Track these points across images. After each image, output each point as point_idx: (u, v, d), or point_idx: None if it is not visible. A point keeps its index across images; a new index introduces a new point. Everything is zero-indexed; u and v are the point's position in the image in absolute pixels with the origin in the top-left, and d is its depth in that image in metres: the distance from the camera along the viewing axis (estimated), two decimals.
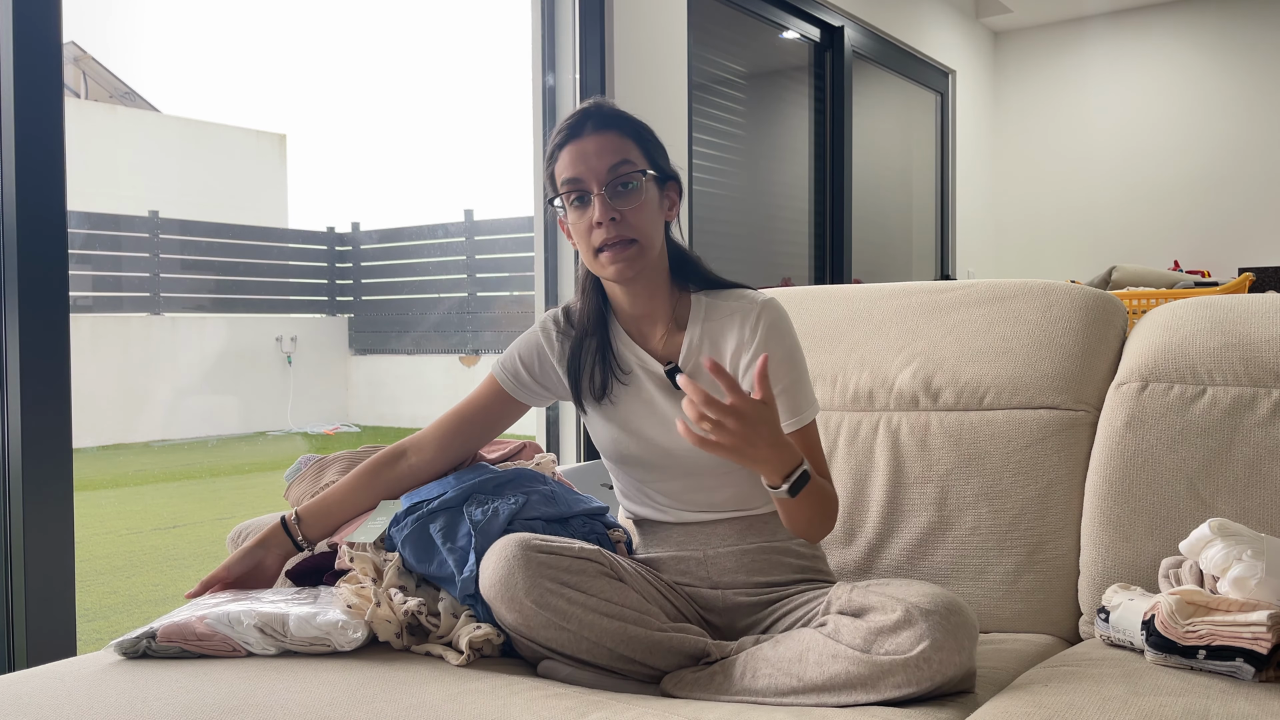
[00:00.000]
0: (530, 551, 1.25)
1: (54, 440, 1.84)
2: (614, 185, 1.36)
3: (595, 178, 1.36)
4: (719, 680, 1.22)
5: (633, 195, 1.37)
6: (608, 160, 1.36)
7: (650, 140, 1.43)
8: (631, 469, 1.48)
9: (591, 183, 1.36)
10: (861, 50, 4.75)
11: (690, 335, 1.43)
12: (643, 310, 1.45)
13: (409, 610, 1.33)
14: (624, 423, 1.45)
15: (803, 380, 1.42)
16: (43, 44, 1.82)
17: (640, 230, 1.37)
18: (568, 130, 1.40)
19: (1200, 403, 1.53)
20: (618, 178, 1.36)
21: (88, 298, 6.30)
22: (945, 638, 1.13)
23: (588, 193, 1.37)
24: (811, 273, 4.57)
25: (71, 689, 1.19)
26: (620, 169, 1.36)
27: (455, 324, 7.63)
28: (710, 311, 1.44)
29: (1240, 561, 1.20)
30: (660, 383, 1.43)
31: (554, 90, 3.10)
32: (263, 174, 7.92)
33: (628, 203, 1.37)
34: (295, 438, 7.30)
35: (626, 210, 1.36)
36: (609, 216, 1.35)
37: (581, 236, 1.39)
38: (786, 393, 1.39)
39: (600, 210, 1.35)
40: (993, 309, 1.77)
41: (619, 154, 1.37)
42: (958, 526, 1.63)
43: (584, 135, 1.38)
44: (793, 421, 1.39)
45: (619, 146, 1.38)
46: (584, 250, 1.40)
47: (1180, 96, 5.63)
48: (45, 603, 1.83)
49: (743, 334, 1.41)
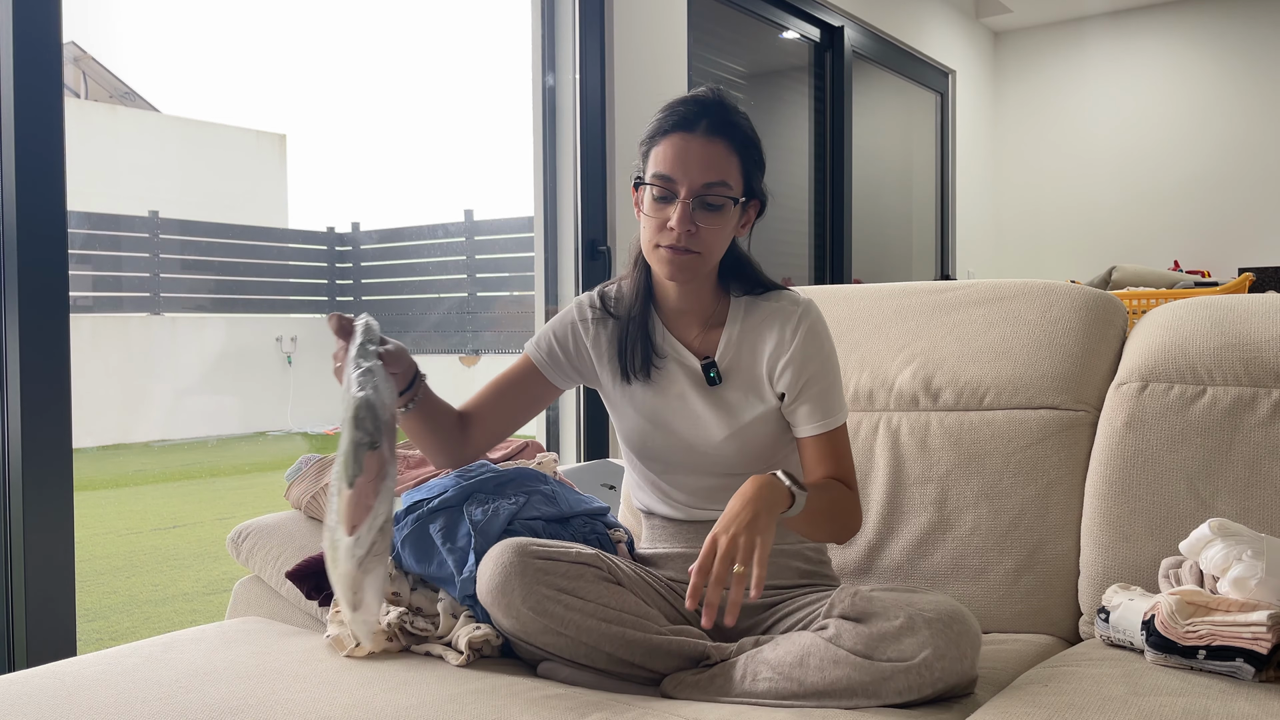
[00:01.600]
0: (527, 557, 1.25)
1: (54, 440, 1.84)
2: (701, 200, 1.34)
3: (688, 184, 1.33)
4: (719, 682, 1.22)
5: (716, 215, 1.35)
6: (708, 174, 1.33)
7: (754, 159, 1.39)
8: (651, 462, 1.48)
9: (682, 187, 1.33)
10: (861, 50, 4.75)
11: (729, 333, 1.43)
12: (686, 306, 1.44)
13: (390, 623, 1.33)
14: (652, 413, 1.45)
15: (834, 386, 1.42)
16: (43, 44, 1.82)
17: (708, 246, 1.36)
18: (680, 118, 1.35)
19: (1200, 403, 1.53)
20: (709, 194, 1.34)
21: (88, 298, 6.31)
22: (948, 645, 1.13)
23: (675, 195, 1.34)
24: (811, 273, 4.57)
25: (71, 689, 1.19)
26: (715, 189, 1.34)
27: (455, 324, 7.63)
28: (750, 310, 1.44)
29: (1240, 561, 1.20)
30: (694, 377, 1.43)
31: (554, 90, 3.10)
32: (263, 174, 7.92)
33: (709, 221, 1.35)
34: (295, 438, 7.30)
35: (705, 227, 1.35)
36: (685, 228, 1.33)
37: (651, 226, 1.36)
38: (820, 397, 1.40)
39: (679, 219, 1.33)
40: (993, 309, 1.77)
41: (719, 172, 1.34)
42: (958, 526, 1.63)
43: (694, 132, 1.34)
44: (817, 425, 1.39)
45: (723, 162, 1.34)
46: (647, 236, 1.38)
47: (1180, 96, 5.63)
48: (45, 603, 1.83)
49: (782, 335, 1.41)
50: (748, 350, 1.42)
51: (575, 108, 3.07)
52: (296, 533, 1.82)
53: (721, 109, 1.36)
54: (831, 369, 1.42)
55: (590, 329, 1.48)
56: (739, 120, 1.38)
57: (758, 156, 1.40)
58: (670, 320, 1.46)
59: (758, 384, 1.41)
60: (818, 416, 1.39)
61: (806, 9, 4.32)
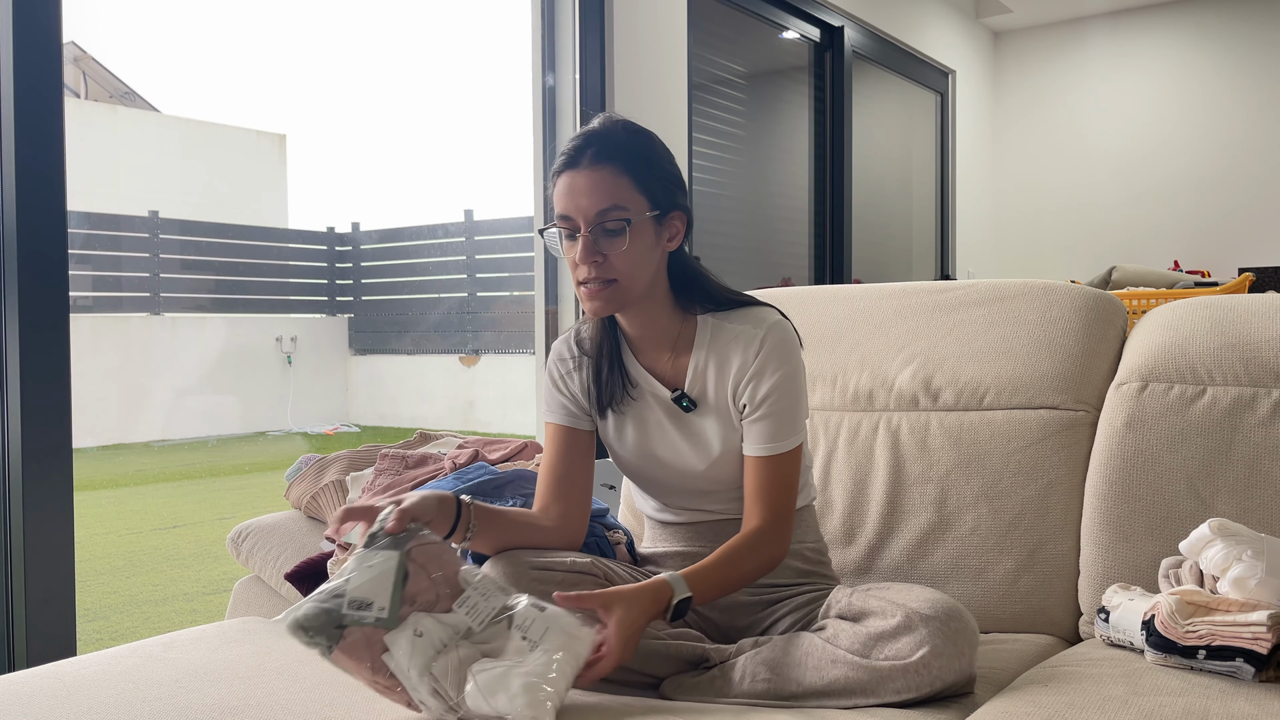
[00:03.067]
0: (523, 568, 1.25)
1: (54, 440, 1.84)
2: (599, 229, 1.32)
3: (583, 218, 1.32)
4: (718, 684, 1.22)
5: (619, 239, 1.32)
6: (597, 203, 1.31)
7: (653, 173, 1.36)
8: (647, 487, 1.49)
9: (579, 221, 1.32)
10: (861, 50, 4.75)
11: (696, 359, 1.41)
12: (645, 333, 1.43)
13: None
14: (638, 446, 1.44)
15: (793, 409, 1.38)
16: (43, 44, 1.82)
17: (622, 271, 1.33)
18: (567, 158, 1.35)
19: (1200, 403, 1.53)
20: (605, 221, 1.32)
21: (88, 298, 6.31)
22: (945, 644, 1.13)
23: (576, 230, 1.33)
24: (811, 273, 4.57)
25: (71, 689, 1.19)
26: (608, 214, 1.32)
27: (455, 324, 7.64)
28: (716, 333, 1.41)
29: (1240, 561, 1.20)
30: (667, 408, 1.42)
31: (554, 90, 3.10)
32: (263, 174, 7.93)
33: (613, 246, 1.32)
34: (295, 438, 7.30)
35: (610, 254, 1.32)
36: (591, 259, 1.32)
37: (570, 267, 1.38)
38: (774, 419, 1.36)
39: (583, 252, 1.32)
40: (993, 309, 1.77)
41: (610, 197, 1.32)
42: (958, 526, 1.63)
43: (580, 167, 1.33)
44: (764, 448, 1.36)
45: (612, 187, 1.32)
46: (574, 280, 1.40)
47: (1180, 96, 5.63)
48: (45, 603, 1.83)
49: (747, 356, 1.38)
50: (715, 376, 1.40)
51: (575, 108, 3.07)
52: (296, 533, 1.82)
53: (605, 138, 1.34)
54: (790, 392, 1.37)
55: (571, 374, 1.47)
56: (626, 141, 1.35)
57: (657, 170, 1.36)
58: (639, 350, 1.45)
59: (725, 411, 1.39)
60: (766, 439, 1.36)
61: (806, 9, 4.32)
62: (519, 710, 1.06)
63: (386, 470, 1.82)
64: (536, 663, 1.10)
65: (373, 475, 1.82)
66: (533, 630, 1.13)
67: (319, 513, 1.88)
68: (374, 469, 1.84)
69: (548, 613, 1.14)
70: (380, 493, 1.76)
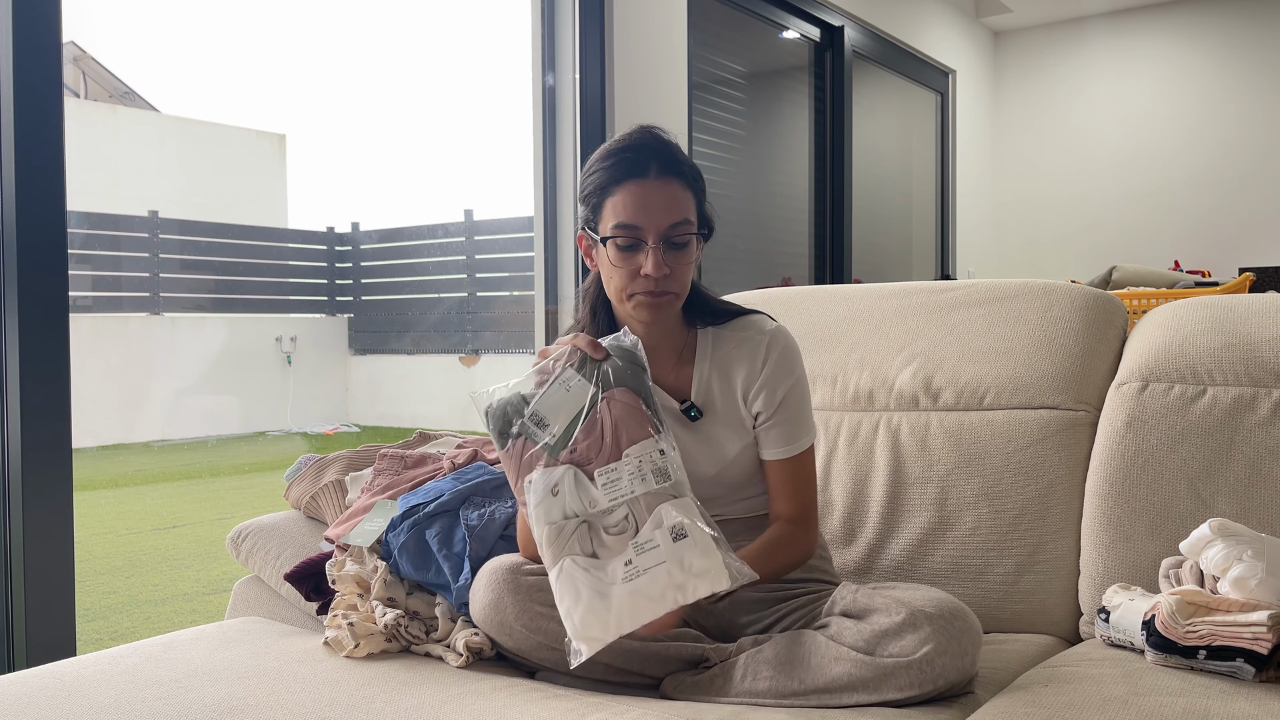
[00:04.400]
0: (519, 576, 1.25)
1: (54, 440, 1.84)
2: (669, 241, 1.34)
3: (655, 229, 1.32)
4: (719, 683, 1.22)
5: (683, 253, 1.36)
6: (672, 216, 1.33)
7: (703, 190, 1.40)
8: None
9: (649, 234, 1.33)
10: (861, 50, 4.75)
11: (700, 369, 1.42)
12: (656, 343, 1.43)
13: (387, 624, 1.33)
14: None
15: (803, 411, 1.42)
16: (43, 44, 1.82)
17: (681, 284, 1.37)
18: (629, 165, 1.34)
19: (1200, 403, 1.53)
20: (675, 234, 1.34)
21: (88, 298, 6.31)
22: (949, 642, 1.13)
23: (642, 242, 1.33)
24: (811, 273, 4.57)
25: (71, 689, 1.19)
26: (681, 228, 1.34)
27: (455, 324, 7.63)
28: (717, 343, 1.44)
29: (1240, 562, 1.20)
30: (675, 416, 1.42)
31: (554, 90, 3.10)
32: (263, 174, 7.92)
33: (678, 260, 1.35)
34: (295, 438, 7.30)
35: (675, 267, 1.35)
36: (662, 272, 1.33)
37: (620, 277, 1.36)
38: (788, 423, 1.40)
39: (654, 265, 1.32)
40: (993, 309, 1.77)
41: (682, 211, 1.34)
42: (958, 527, 1.63)
43: (649, 178, 1.33)
44: (783, 450, 1.40)
45: (682, 202, 1.35)
46: (618, 285, 1.37)
47: (1180, 96, 5.63)
48: (45, 603, 1.83)
49: (753, 365, 1.41)
50: (720, 385, 1.42)
51: (575, 108, 3.07)
52: (296, 533, 1.82)
53: (666, 149, 1.36)
54: (801, 393, 1.42)
55: None
56: (683, 157, 1.38)
57: (704, 186, 1.41)
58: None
59: (735, 417, 1.41)
60: (784, 441, 1.40)
61: (806, 9, 4.32)
62: None
63: (385, 470, 1.82)
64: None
65: (371, 475, 1.82)
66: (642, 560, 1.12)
67: (318, 513, 1.87)
68: (373, 469, 1.84)
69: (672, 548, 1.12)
70: (379, 493, 1.76)
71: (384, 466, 1.83)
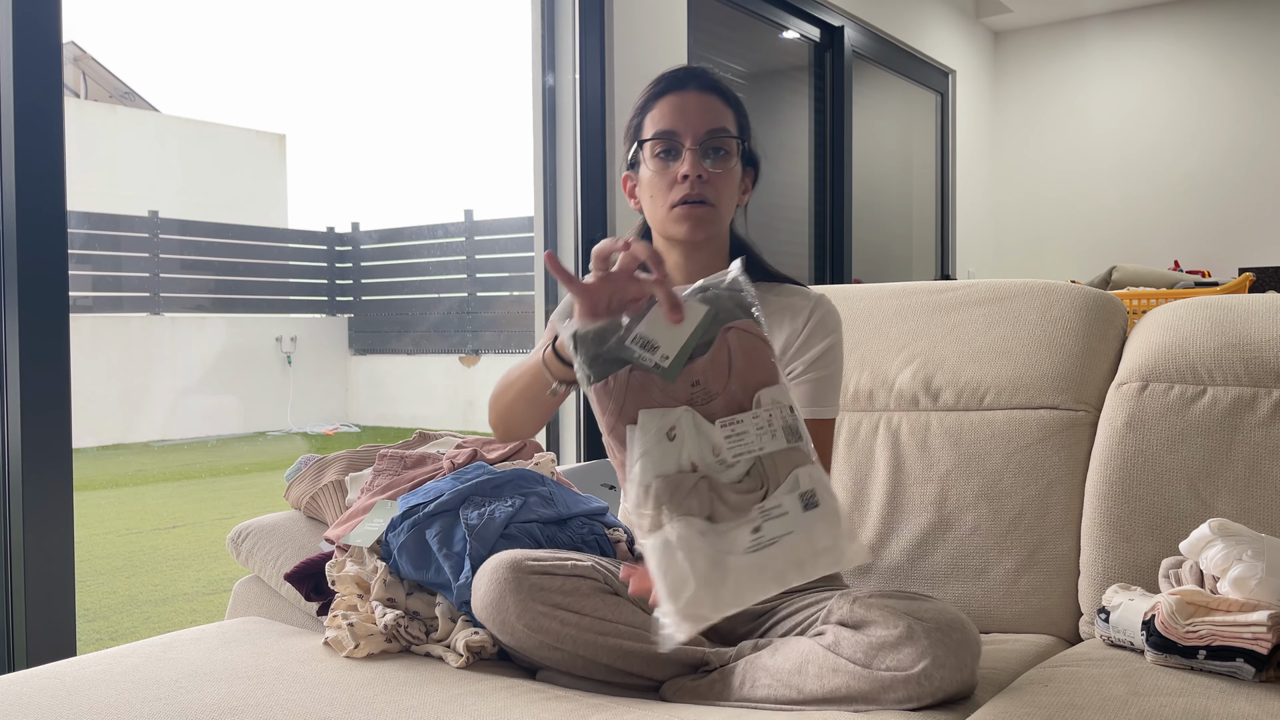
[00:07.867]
0: (521, 574, 1.24)
1: (54, 440, 1.84)
2: (707, 146, 1.36)
3: (692, 133, 1.35)
4: (718, 688, 1.22)
5: (723, 161, 1.37)
6: (708, 121, 1.36)
7: (746, 118, 1.42)
8: None
9: (686, 137, 1.35)
10: (861, 50, 4.75)
11: None
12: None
13: (387, 624, 1.33)
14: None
15: (834, 379, 1.41)
16: (43, 44, 1.82)
17: (719, 197, 1.37)
18: (669, 82, 1.38)
19: (1200, 403, 1.53)
20: (713, 140, 1.36)
21: (88, 298, 6.30)
22: (947, 655, 1.12)
23: (680, 146, 1.36)
24: (811, 273, 4.57)
25: (71, 689, 1.19)
26: (718, 134, 1.36)
27: (455, 324, 7.63)
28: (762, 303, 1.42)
29: (1240, 562, 1.20)
30: None
31: (554, 90, 3.10)
32: (262, 174, 7.91)
33: (717, 166, 1.37)
34: (295, 438, 7.30)
35: (714, 173, 1.36)
36: (697, 173, 1.34)
37: (658, 190, 1.37)
38: (818, 383, 1.39)
39: (691, 164, 1.34)
40: (993, 309, 1.77)
41: (719, 119, 1.37)
42: (958, 526, 1.63)
43: (687, 89, 1.37)
44: (808, 409, 1.38)
45: (720, 112, 1.37)
46: (657, 205, 1.37)
47: (1180, 96, 5.63)
48: (45, 603, 1.83)
49: (795, 325, 1.41)
50: None
51: (575, 108, 3.06)
52: (296, 533, 1.82)
53: (706, 73, 1.40)
54: (836, 357, 1.42)
55: None
56: (724, 83, 1.41)
57: (746, 121, 1.43)
58: None
59: None
60: (811, 401, 1.39)
61: (806, 9, 4.32)
62: None
63: (385, 470, 1.82)
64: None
65: (371, 475, 1.82)
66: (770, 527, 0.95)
67: (318, 513, 1.87)
68: (372, 469, 1.84)
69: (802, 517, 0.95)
70: (379, 493, 1.76)
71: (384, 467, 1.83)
